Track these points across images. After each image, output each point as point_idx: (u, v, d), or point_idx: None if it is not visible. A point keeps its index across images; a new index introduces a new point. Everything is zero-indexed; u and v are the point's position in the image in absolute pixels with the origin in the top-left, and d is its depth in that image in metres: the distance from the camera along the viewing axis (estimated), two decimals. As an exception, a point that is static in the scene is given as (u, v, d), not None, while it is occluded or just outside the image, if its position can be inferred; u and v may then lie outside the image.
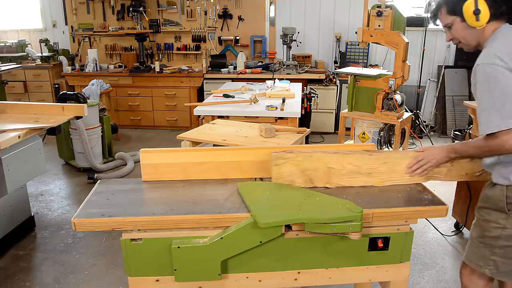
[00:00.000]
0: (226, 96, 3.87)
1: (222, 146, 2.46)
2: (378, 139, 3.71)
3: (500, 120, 1.48)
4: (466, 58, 5.68)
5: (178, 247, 1.52)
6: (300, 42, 5.91)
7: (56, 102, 4.19)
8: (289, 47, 5.60)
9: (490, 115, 1.50)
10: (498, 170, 1.62)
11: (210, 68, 5.97)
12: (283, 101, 3.64)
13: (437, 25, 1.77)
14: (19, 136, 2.54)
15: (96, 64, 6.06)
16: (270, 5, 6.02)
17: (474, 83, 1.57)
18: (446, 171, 1.83)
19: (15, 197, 3.08)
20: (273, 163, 1.78)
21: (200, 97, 5.90)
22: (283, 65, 5.69)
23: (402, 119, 3.62)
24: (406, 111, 3.91)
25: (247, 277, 1.64)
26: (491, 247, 1.65)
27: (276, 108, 3.42)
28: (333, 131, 5.75)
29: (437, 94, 5.83)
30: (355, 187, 1.80)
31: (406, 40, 3.52)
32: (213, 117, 3.39)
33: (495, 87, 1.49)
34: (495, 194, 1.63)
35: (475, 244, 1.72)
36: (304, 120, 4.71)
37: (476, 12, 1.57)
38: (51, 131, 2.84)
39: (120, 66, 6.22)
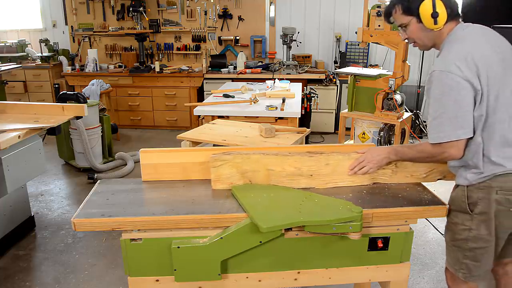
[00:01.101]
0: (226, 96, 3.87)
1: (222, 146, 2.46)
2: (378, 139, 3.71)
3: (450, 130, 1.48)
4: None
5: (178, 247, 1.52)
6: (300, 42, 5.90)
7: (56, 102, 4.19)
8: (289, 47, 5.60)
9: (442, 124, 1.50)
10: (460, 172, 1.62)
11: (210, 68, 5.97)
12: (283, 101, 3.64)
13: (391, 23, 1.73)
14: (19, 136, 2.54)
15: (96, 64, 6.05)
16: (270, 5, 6.02)
17: (428, 89, 1.55)
18: (391, 173, 1.82)
19: (15, 197, 3.08)
20: (211, 165, 1.75)
21: (200, 97, 5.90)
22: (283, 65, 5.69)
23: (402, 119, 3.62)
24: (406, 111, 3.91)
25: (247, 277, 1.64)
26: (462, 250, 1.65)
27: (276, 108, 3.42)
28: (333, 131, 5.75)
29: (437, 94, 5.82)
30: (353, 186, 1.79)
31: (406, 40, 3.51)
32: (213, 117, 3.39)
33: (449, 96, 1.47)
34: (458, 196, 1.63)
35: (450, 248, 1.72)
36: (304, 120, 4.71)
37: (434, 15, 1.54)
38: (51, 131, 2.85)
39: (120, 66, 6.22)
